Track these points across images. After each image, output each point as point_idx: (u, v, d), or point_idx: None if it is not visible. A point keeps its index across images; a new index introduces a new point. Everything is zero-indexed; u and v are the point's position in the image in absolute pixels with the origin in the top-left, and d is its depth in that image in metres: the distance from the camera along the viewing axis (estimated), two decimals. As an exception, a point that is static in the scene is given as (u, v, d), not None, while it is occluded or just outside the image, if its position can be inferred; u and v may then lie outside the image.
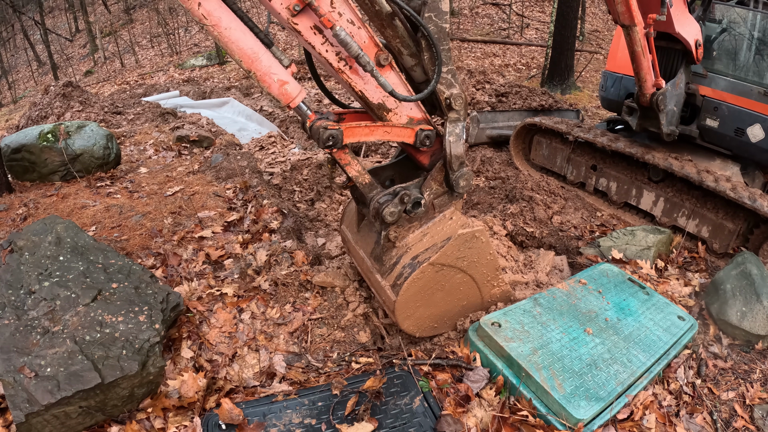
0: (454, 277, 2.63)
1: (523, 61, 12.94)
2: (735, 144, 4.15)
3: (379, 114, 2.32)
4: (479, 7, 18.40)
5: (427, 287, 2.57)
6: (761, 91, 3.89)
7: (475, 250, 2.61)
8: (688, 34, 4.01)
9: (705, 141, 4.41)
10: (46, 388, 1.97)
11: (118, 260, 2.67)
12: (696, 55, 4.09)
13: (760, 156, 4.03)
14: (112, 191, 4.34)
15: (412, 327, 2.68)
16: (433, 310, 2.71)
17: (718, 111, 4.16)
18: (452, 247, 2.52)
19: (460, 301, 2.78)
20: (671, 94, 4.12)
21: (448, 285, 2.64)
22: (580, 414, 2.28)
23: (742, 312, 3.09)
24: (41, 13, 20.36)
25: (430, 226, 2.58)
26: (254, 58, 1.94)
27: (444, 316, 2.79)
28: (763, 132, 3.89)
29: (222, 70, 13.85)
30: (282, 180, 4.96)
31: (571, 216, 4.51)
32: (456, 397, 2.48)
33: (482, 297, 2.82)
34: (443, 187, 2.53)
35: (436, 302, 2.67)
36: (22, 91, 18.80)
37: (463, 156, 2.42)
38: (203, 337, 2.74)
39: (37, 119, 7.12)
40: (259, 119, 7.83)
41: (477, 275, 2.71)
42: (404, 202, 2.40)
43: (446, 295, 2.68)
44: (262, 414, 2.33)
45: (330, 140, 2.17)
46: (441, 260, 2.52)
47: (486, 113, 6.09)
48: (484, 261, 2.68)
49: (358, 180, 2.39)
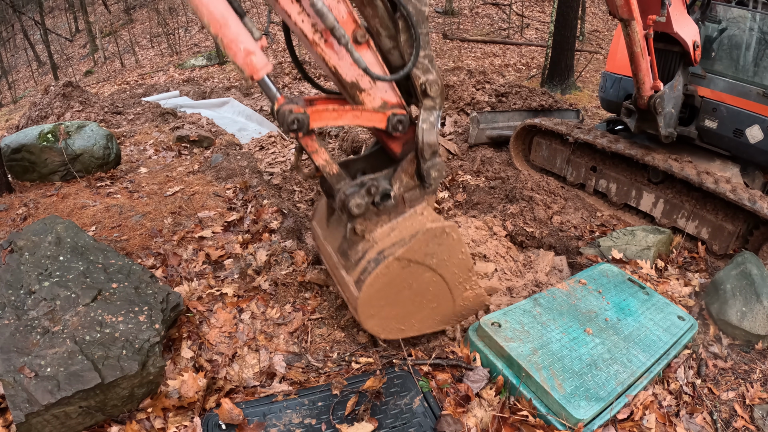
0: (423, 275, 2.45)
1: (523, 61, 12.95)
2: (734, 145, 4.15)
3: (351, 93, 2.18)
4: (479, 7, 18.40)
5: (393, 285, 2.40)
6: (760, 92, 3.88)
7: (445, 247, 2.43)
8: (686, 34, 4.00)
9: (704, 142, 4.41)
10: (46, 388, 1.97)
11: (118, 260, 2.67)
12: (694, 56, 4.09)
13: (759, 157, 4.03)
14: (112, 191, 4.34)
15: (376, 327, 2.50)
16: (400, 311, 2.52)
17: (716, 112, 4.16)
18: (420, 242, 2.35)
19: (429, 303, 2.59)
20: (669, 96, 4.12)
21: (416, 284, 2.46)
22: (580, 414, 2.28)
23: (742, 312, 3.09)
24: (41, 13, 20.36)
25: (400, 221, 2.42)
26: (223, 23, 1.83)
27: (412, 318, 2.59)
28: (762, 133, 3.89)
29: (222, 70, 13.85)
30: (282, 180, 4.96)
31: (571, 216, 4.51)
32: (456, 397, 2.48)
33: (454, 300, 2.64)
34: (415, 180, 2.38)
35: (402, 302, 2.49)
36: (22, 91, 18.81)
37: (437, 145, 2.30)
38: (203, 337, 2.74)
39: (37, 119, 7.12)
40: (259, 119, 7.83)
41: (448, 275, 2.53)
42: (371, 194, 2.26)
43: (414, 295, 2.50)
44: (262, 414, 2.33)
45: (295, 124, 2.04)
46: (408, 255, 2.34)
47: (486, 113, 6.09)
48: (456, 260, 2.50)
49: (325, 169, 2.24)
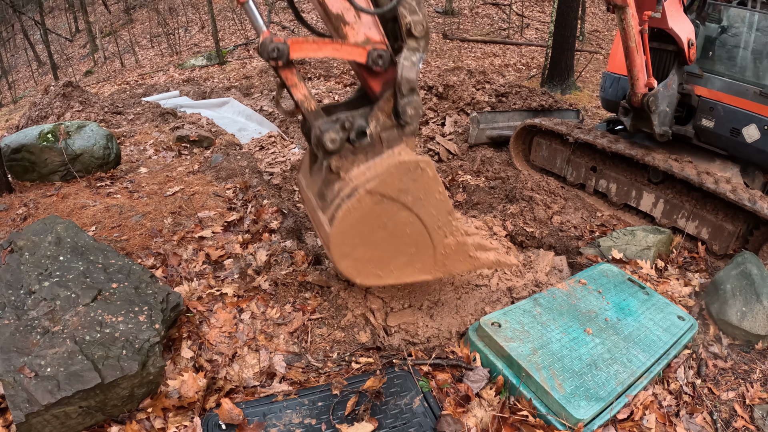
0: (398, 214, 2.32)
1: (523, 61, 12.95)
2: (731, 144, 4.15)
3: (336, 26, 2.15)
4: (479, 7, 18.41)
5: (366, 221, 2.27)
6: (757, 91, 3.88)
7: (420, 184, 2.29)
8: (681, 31, 4.02)
9: (701, 141, 4.42)
10: (46, 388, 1.97)
11: (118, 260, 2.67)
12: (688, 54, 4.09)
13: (756, 156, 4.03)
14: (112, 191, 4.34)
15: (350, 269, 2.36)
16: (376, 253, 2.38)
17: (713, 111, 4.17)
18: (393, 176, 2.23)
19: (407, 248, 2.44)
20: (663, 95, 4.13)
21: (392, 223, 2.32)
22: (580, 414, 2.28)
23: (742, 312, 3.09)
24: (41, 13, 20.36)
25: (377, 161, 2.31)
26: None
27: (390, 264, 2.45)
28: (759, 132, 3.89)
29: (222, 70, 13.85)
30: (282, 180, 4.96)
31: (571, 216, 4.51)
32: (456, 397, 2.49)
33: (434, 246, 2.47)
34: (392, 119, 2.29)
35: (378, 244, 2.35)
36: (22, 91, 18.81)
37: (415, 83, 2.22)
38: (203, 337, 2.74)
39: (37, 119, 7.12)
40: (259, 119, 7.83)
41: (425, 216, 2.38)
42: (346, 129, 2.21)
43: (390, 237, 2.36)
44: (262, 414, 2.33)
45: (275, 52, 1.98)
46: (381, 189, 2.22)
47: (486, 113, 6.09)
48: (433, 200, 2.35)
49: (303, 105, 2.18)
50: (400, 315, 3.07)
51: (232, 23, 19.06)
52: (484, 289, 3.36)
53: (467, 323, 3.07)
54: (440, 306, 3.17)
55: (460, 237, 2.57)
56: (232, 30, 18.50)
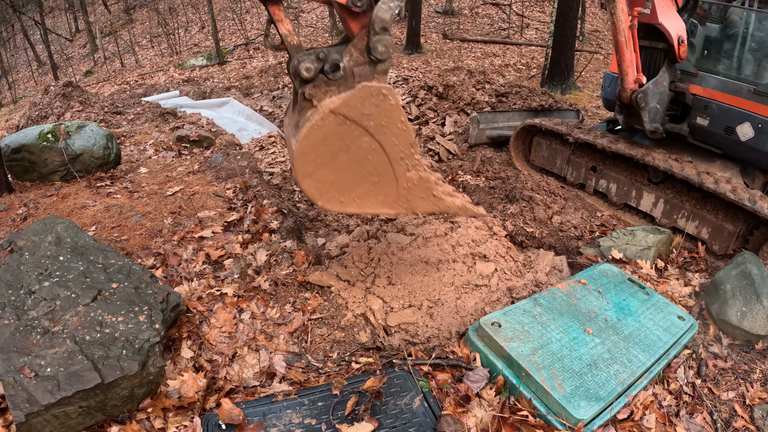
0: (361, 138, 2.40)
1: (523, 61, 12.95)
2: (725, 143, 4.15)
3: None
4: (479, 7, 18.41)
5: (329, 141, 2.36)
6: (751, 89, 3.89)
7: (383, 110, 2.38)
8: (671, 27, 4.05)
9: (696, 140, 4.43)
10: (46, 388, 1.97)
11: (118, 260, 2.67)
12: (678, 52, 4.11)
13: (750, 155, 4.03)
14: (112, 191, 4.34)
15: (312, 188, 2.43)
16: (339, 178, 2.46)
17: (708, 109, 4.18)
18: (356, 98, 2.33)
19: (370, 176, 2.50)
20: (653, 92, 4.17)
21: (354, 147, 2.41)
22: (580, 414, 2.28)
23: (742, 312, 3.09)
24: (41, 13, 20.37)
25: (348, 95, 2.39)
26: None
27: (352, 191, 2.52)
28: (753, 130, 3.89)
29: (222, 70, 13.85)
30: (282, 180, 4.96)
31: (571, 216, 4.51)
32: (456, 397, 2.49)
33: (396, 178, 2.52)
34: (365, 56, 2.39)
35: (341, 167, 2.44)
36: (22, 91, 18.81)
37: (388, 23, 2.33)
38: (203, 337, 2.74)
39: (37, 119, 7.12)
40: (259, 119, 7.84)
41: (387, 145, 2.45)
42: (321, 60, 2.32)
43: (353, 162, 2.45)
44: (262, 414, 2.33)
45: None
46: (343, 110, 2.32)
47: (486, 113, 6.09)
48: (395, 129, 2.43)
49: (287, 39, 2.32)
50: (400, 315, 3.07)
51: (232, 23, 19.07)
52: (484, 289, 3.36)
53: (467, 323, 3.07)
54: (440, 306, 3.17)
55: (423, 172, 2.60)
56: (232, 30, 18.50)
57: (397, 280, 3.28)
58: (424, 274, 3.33)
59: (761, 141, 3.86)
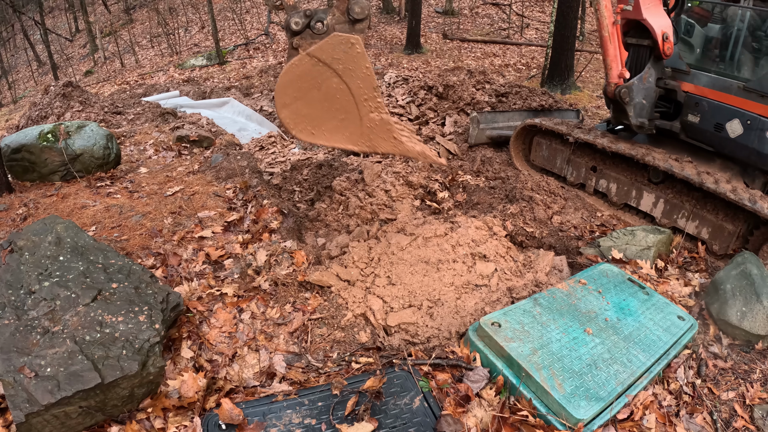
0: (331, 79, 2.83)
1: (523, 61, 12.95)
2: (715, 140, 4.18)
3: None
4: (479, 7, 18.41)
5: (304, 79, 2.81)
6: (740, 85, 3.90)
7: (350, 56, 2.79)
8: (656, 24, 4.14)
9: (688, 137, 4.48)
10: (46, 388, 1.97)
11: (118, 260, 2.67)
12: (663, 48, 4.18)
13: (739, 152, 4.04)
14: (112, 191, 4.34)
15: (288, 119, 2.90)
16: (311, 112, 2.91)
17: (698, 107, 4.23)
18: (328, 45, 2.76)
19: (338, 113, 2.93)
20: (638, 87, 4.28)
21: (325, 86, 2.85)
22: (580, 414, 2.28)
23: (742, 312, 3.09)
24: (41, 13, 20.37)
25: (323, 41, 2.80)
26: None
27: (322, 126, 2.96)
28: (742, 127, 3.90)
29: (222, 70, 13.85)
30: (282, 180, 4.96)
31: (571, 216, 4.51)
32: (456, 397, 2.49)
33: (360, 117, 2.93)
34: (345, 16, 2.80)
35: (313, 103, 2.89)
36: (22, 91, 18.81)
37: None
38: (203, 337, 2.74)
39: (37, 119, 7.12)
40: (259, 119, 7.84)
41: (353, 86, 2.86)
42: (308, 17, 2.76)
43: (324, 99, 2.89)
44: (262, 414, 2.33)
45: None
46: (317, 54, 2.76)
47: (486, 113, 6.09)
48: (360, 73, 2.83)
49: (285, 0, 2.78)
50: (400, 315, 3.07)
51: (232, 23, 19.07)
52: (484, 289, 3.36)
53: (467, 323, 3.07)
54: (440, 306, 3.17)
55: (385, 115, 2.96)
56: (232, 30, 18.50)
57: (397, 280, 3.28)
58: (424, 274, 3.33)
59: (750, 138, 3.88)
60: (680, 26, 4.36)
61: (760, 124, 3.79)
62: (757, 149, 3.85)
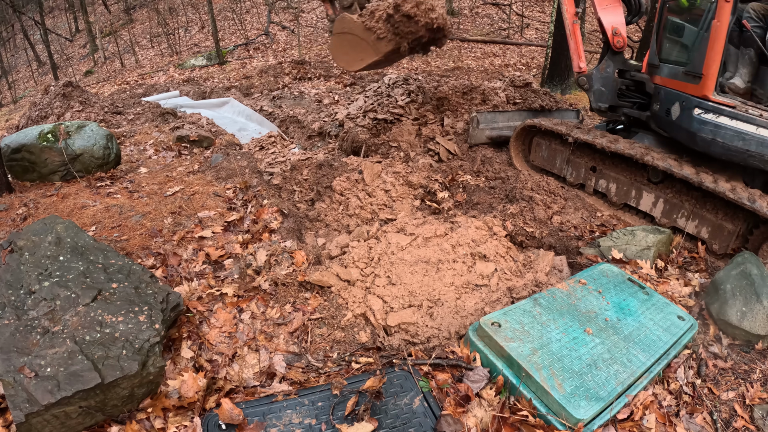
0: (347, 36, 4.89)
1: (523, 61, 12.95)
2: (666, 124, 4.36)
3: None
4: (479, 7, 18.41)
5: (339, 42, 5.02)
6: (682, 70, 4.07)
7: (347, 22, 4.83)
8: (606, 21, 4.67)
9: (656, 126, 4.64)
10: (46, 388, 1.97)
11: (118, 260, 2.68)
12: (612, 41, 4.67)
13: (678, 133, 4.16)
14: (112, 191, 4.34)
15: (342, 63, 5.21)
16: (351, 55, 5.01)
17: (658, 96, 4.45)
18: (337, 23, 4.95)
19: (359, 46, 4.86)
20: (596, 76, 4.80)
21: (347, 40, 4.91)
22: (580, 414, 2.28)
23: (742, 312, 3.09)
24: (41, 13, 20.36)
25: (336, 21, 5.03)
26: None
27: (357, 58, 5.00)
28: (679, 108, 4.07)
29: (222, 70, 13.85)
30: (282, 180, 4.95)
31: (571, 216, 4.51)
32: (456, 397, 2.49)
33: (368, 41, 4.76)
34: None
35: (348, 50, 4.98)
36: (22, 91, 18.81)
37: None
38: (203, 337, 2.74)
39: (37, 119, 7.12)
40: (259, 119, 7.83)
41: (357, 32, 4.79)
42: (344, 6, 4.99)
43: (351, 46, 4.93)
44: (262, 414, 2.33)
45: None
46: (336, 29, 4.99)
47: (486, 113, 6.09)
48: (356, 28, 4.76)
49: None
50: (400, 315, 3.07)
51: (232, 23, 19.07)
52: (484, 289, 3.36)
53: (467, 323, 3.07)
54: (440, 306, 3.17)
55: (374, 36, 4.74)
56: (232, 30, 18.51)
57: (397, 280, 3.28)
58: (424, 274, 3.33)
59: (683, 118, 4.04)
60: (667, 26, 4.42)
61: (689, 104, 3.96)
62: (687, 128, 4.00)
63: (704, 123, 3.83)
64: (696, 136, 3.91)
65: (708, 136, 3.83)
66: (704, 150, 3.94)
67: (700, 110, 3.85)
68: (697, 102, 3.87)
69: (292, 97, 8.98)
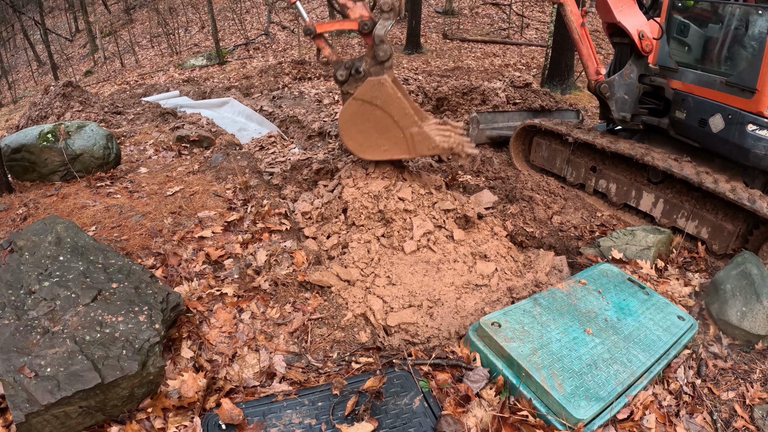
0: (375, 112, 3.52)
1: (523, 61, 12.95)
2: (700, 135, 4.25)
3: (342, 10, 3.53)
4: (479, 7, 18.41)
5: (356, 116, 3.55)
6: (723, 80, 3.96)
7: (383, 92, 3.45)
8: (630, 24, 4.34)
9: (677, 133, 4.54)
10: (46, 388, 1.97)
11: (118, 260, 2.67)
12: (641, 46, 4.36)
13: (721, 147, 4.08)
14: (112, 191, 4.34)
15: (354, 148, 3.64)
16: (368, 137, 3.61)
17: (685, 103, 4.31)
18: (366, 87, 3.48)
19: (387, 134, 3.58)
20: (619, 83, 4.50)
21: (372, 118, 3.54)
22: (580, 414, 2.28)
23: (742, 312, 3.09)
24: (41, 13, 20.37)
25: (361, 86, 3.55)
26: None
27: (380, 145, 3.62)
28: (723, 122, 3.96)
29: (222, 70, 13.85)
30: (282, 180, 4.95)
31: (571, 216, 4.51)
32: (456, 397, 2.49)
33: (402, 131, 3.55)
34: (375, 60, 3.51)
35: (368, 131, 3.60)
36: (22, 91, 18.81)
37: (384, 37, 3.42)
38: (203, 337, 2.74)
39: (37, 119, 7.12)
40: (259, 119, 7.83)
41: (392, 112, 3.50)
42: (348, 68, 3.59)
43: (374, 127, 3.57)
44: (262, 414, 2.33)
45: (308, 31, 3.50)
46: (360, 96, 3.50)
47: (486, 114, 6.09)
48: (395, 104, 3.47)
49: (330, 59, 3.64)
50: (400, 315, 3.07)
51: (232, 23, 19.07)
52: (484, 289, 3.36)
53: (467, 323, 3.07)
54: (440, 306, 3.17)
55: (419, 128, 3.54)
56: (232, 30, 18.51)
57: (397, 280, 3.28)
58: (424, 274, 3.33)
59: (731, 132, 3.94)
60: (673, 25, 4.39)
61: (739, 118, 3.85)
62: (738, 143, 3.91)
63: (759, 140, 3.77)
64: (749, 153, 3.85)
65: (761, 152, 3.79)
66: (755, 165, 3.91)
67: (754, 126, 3.77)
68: (751, 118, 3.78)
69: (292, 97, 8.98)
